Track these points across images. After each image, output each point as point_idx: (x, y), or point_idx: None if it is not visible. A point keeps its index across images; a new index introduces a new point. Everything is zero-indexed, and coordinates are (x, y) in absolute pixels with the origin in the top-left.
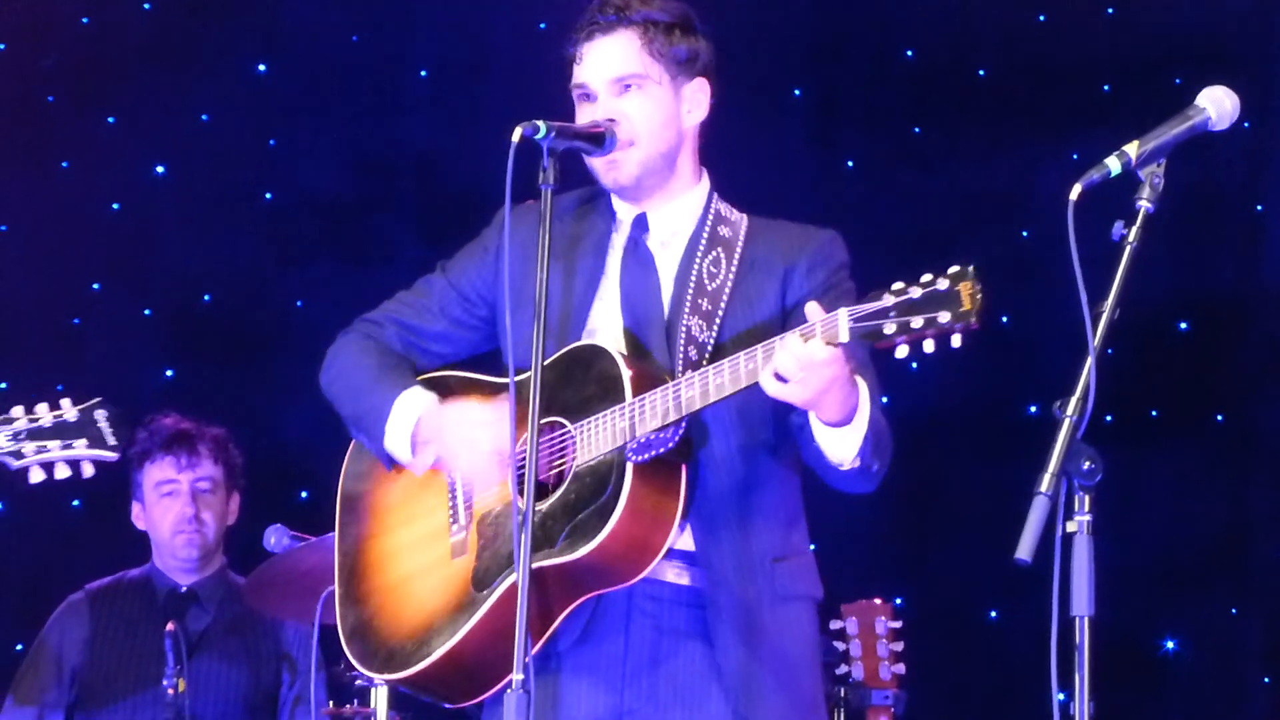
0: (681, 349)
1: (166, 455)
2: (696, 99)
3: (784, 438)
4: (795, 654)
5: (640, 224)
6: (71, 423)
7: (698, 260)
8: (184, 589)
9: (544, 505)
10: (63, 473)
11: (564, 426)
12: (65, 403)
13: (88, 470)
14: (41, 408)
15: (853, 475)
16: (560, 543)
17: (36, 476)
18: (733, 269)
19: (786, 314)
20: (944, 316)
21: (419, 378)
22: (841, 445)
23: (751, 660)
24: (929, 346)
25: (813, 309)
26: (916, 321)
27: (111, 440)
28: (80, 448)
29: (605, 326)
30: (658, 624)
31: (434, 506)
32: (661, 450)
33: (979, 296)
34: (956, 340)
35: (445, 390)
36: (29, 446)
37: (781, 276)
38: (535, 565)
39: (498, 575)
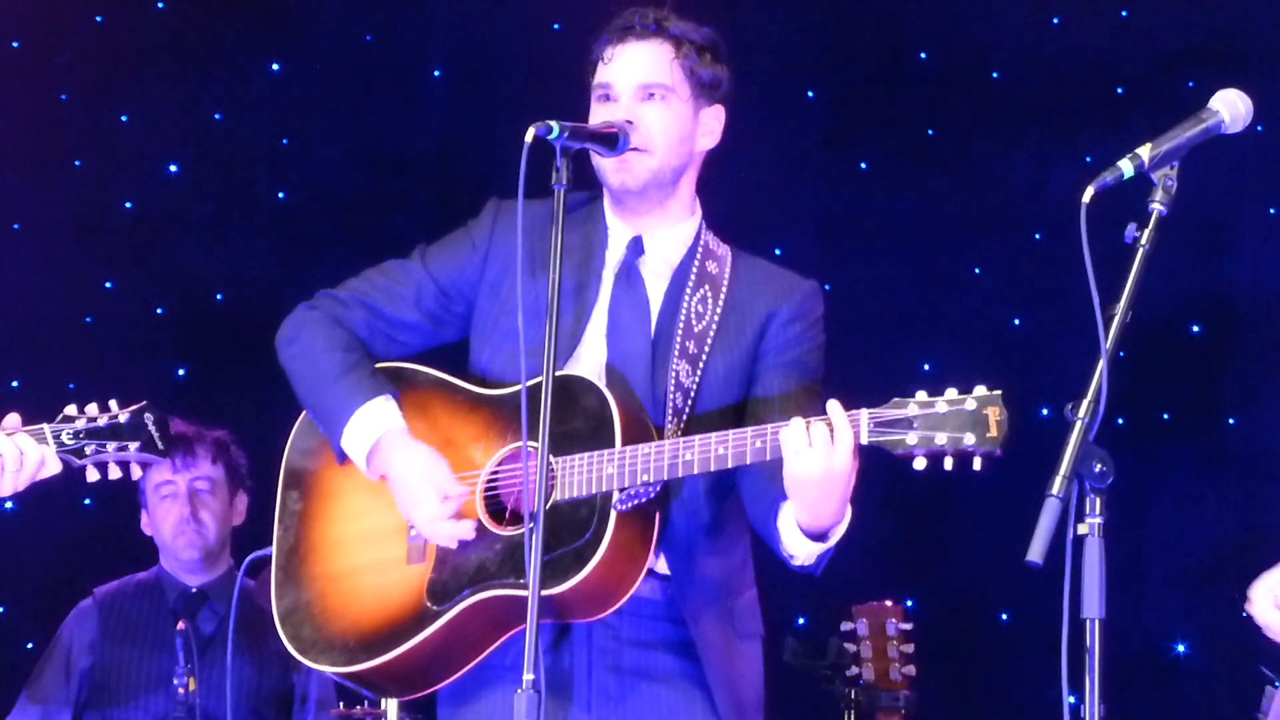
0: (670, 395)
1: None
2: (711, 125)
3: (740, 484)
4: (760, 689)
5: (635, 247)
6: (124, 424)
7: (686, 297)
8: (194, 590)
9: (514, 533)
10: (114, 474)
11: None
12: (113, 404)
13: (136, 472)
14: (92, 408)
15: (791, 565)
16: None
17: (92, 476)
18: (718, 309)
19: (757, 359)
20: (969, 439)
21: (386, 364)
22: (804, 549)
23: (735, 692)
24: (948, 464)
25: (834, 407)
26: (940, 438)
27: (160, 445)
28: (133, 449)
29: (590, 354)
30: (617, 634)
31: (391, 503)
32: (644, 500)
33: (1006, 424)
34: (977, 464)
35: (415, 391)
36: (89, 446)
37: (761, 322)
38: (501, 593)
39: (457, 593)
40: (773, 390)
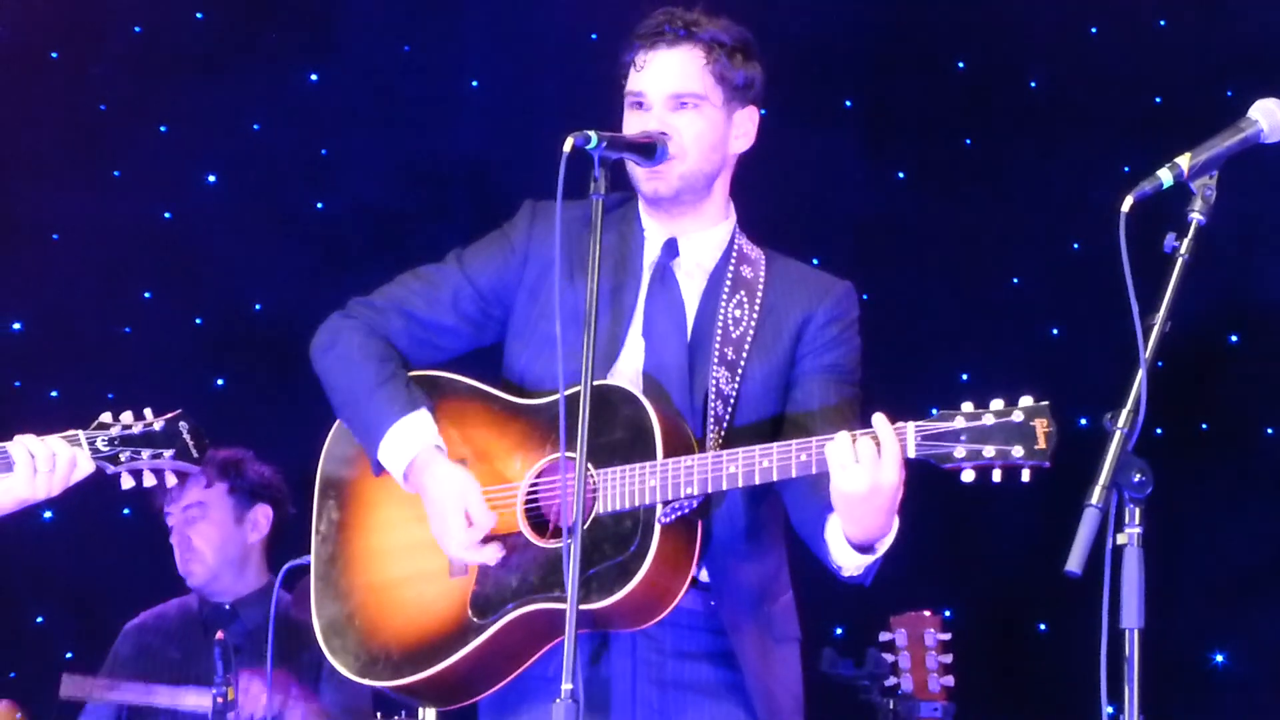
0: (711, 403)
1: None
2: (745, 127)
3: (777, 491)
4: (799, 694)
5: (670, 249)
6: (159, 432)
7: (723, 303)
8: (227, 605)
9: (556, 545)
10: (149, 481)
11: (586, 468)
12: (148, 412)
13: (171, 480)
14: (127, 416)
15: (841, 577)
16: None
17: (127, 483)
18: (754, 315)
19: (794, 364)
20: (1017, 451)
21: (422, 373)
22: (852, 561)
23: (772, 699)
24: (996, 476)
25: (880, 421)
26: (988, 451)
27: (195, 453)
28: (168, 457)
29: (629, 360)
30: (660, 646)
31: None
32: (687, 510)
33: (1054, 436)
34: (1026, 475)
35: (452, 401)
36: (123, 453)
37: (798, 326)
38: (544, 606)
39: (501, 606)
40: (813, 395)
